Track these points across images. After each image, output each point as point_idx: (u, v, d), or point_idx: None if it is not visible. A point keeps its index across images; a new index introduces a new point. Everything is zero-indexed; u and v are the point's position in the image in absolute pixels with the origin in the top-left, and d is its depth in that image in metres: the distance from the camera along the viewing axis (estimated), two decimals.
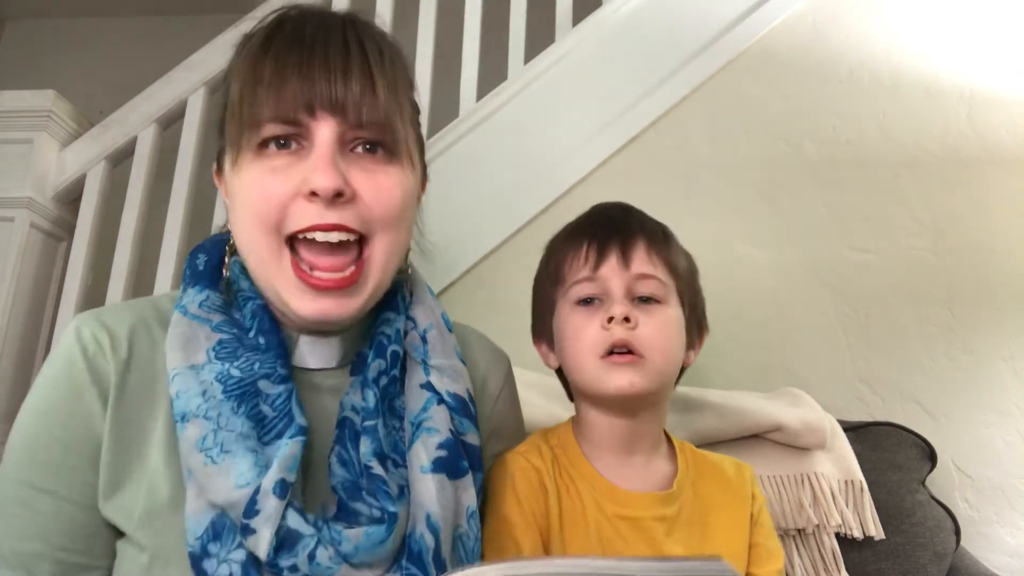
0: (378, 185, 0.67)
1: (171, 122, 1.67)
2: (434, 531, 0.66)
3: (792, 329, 1.46)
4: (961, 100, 1.53)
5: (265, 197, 0.65)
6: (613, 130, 1.54)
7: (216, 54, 1.64)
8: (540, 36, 1.64)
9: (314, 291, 0.66)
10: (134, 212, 1.60)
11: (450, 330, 0.80)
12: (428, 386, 0.73)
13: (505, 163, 1.52)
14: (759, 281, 1.48)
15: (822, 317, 1.46)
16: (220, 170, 0.74)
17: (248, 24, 0.72)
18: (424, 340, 0.76)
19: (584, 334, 0.79)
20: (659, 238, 0.83)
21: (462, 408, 0.74)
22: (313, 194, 0.64)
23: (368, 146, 0.68)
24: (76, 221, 1.61)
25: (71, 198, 1.67)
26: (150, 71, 1.69)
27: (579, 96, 1.54)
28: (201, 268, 0.74)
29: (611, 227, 0.82)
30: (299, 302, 0.67)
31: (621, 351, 0.76)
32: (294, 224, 0.65)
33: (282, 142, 0.66)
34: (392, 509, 0.65)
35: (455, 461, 0.70)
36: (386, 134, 0.68)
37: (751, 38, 1.57)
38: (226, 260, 0.74)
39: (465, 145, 1.51)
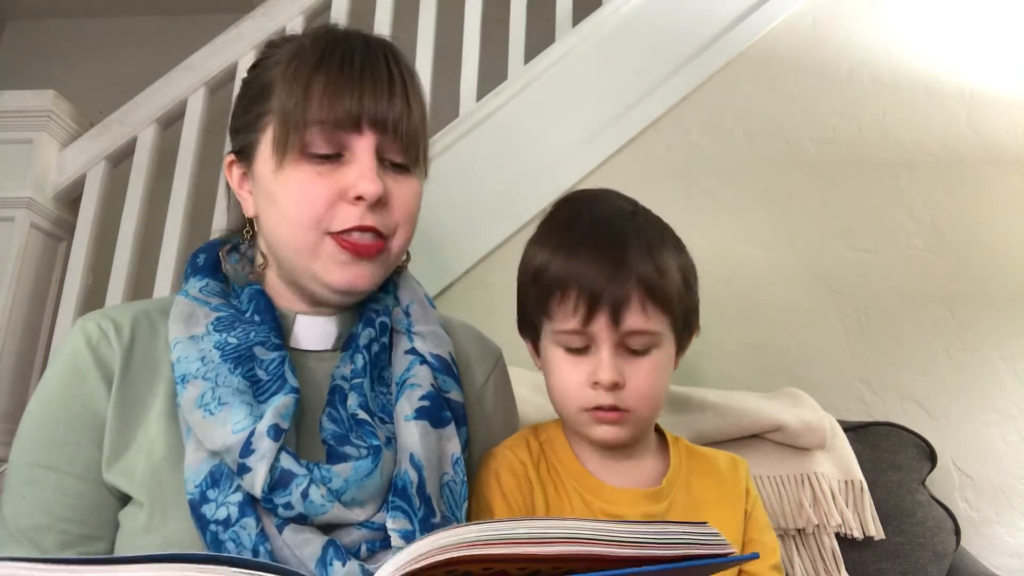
0: (403, 195, 0.76)
1: (171, 122, 1.67)
2: (417, 468, 0.71)
3: (792, 329, 1.46)
4: (961, 100, 1.53)
5: (311, 200, 0.72)
6: (613, 130, 1.54)
7: (216, 54, 1.63)
8: (540, 36, 1.64)
9: (352, 258, 0.74)
10: (134, 212, 1.59)
11: (432, 306, 0.87)
12: (412, 351, 0.80)
13: (505, 163, 1.52)
14: (759, 281, 1.48)
15: (822, 317, 1.46)
16: (246, 166, 0.78)
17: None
18: (407, 314, 0.83)
19: (570, 382, 0.77)
20: (654, 283, 0.74)
21: (444, 368, 0.79)
22: (358, 199, 0.72)
23: (397, 162, 0.76)
24: (76, 221, 1.61)
25: (71, 198, 1.66)
26: (150, 71, 1.69)
27: (579, 96, 1.54)
28: (201, 263, 0.82)
29: (604, 277, 0.74)
30: (335, 274, 0.74)
31: (607, 409, 0.76)
32: (337, 224, 0.73)
33: (327, 153, 0.73)
34: (376, 443, 0.70)
35: (437, 411, 0.75)
36: (412, 151, 0.76)
37: (751, 38, 1.56)
38: (222, 256, 0.82)
39: (465, 145, 1.51)
